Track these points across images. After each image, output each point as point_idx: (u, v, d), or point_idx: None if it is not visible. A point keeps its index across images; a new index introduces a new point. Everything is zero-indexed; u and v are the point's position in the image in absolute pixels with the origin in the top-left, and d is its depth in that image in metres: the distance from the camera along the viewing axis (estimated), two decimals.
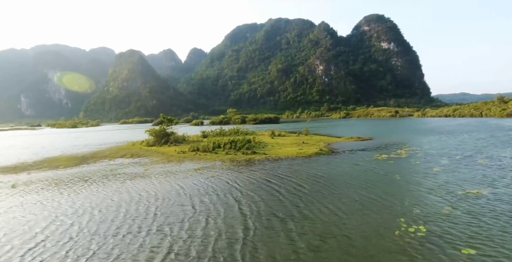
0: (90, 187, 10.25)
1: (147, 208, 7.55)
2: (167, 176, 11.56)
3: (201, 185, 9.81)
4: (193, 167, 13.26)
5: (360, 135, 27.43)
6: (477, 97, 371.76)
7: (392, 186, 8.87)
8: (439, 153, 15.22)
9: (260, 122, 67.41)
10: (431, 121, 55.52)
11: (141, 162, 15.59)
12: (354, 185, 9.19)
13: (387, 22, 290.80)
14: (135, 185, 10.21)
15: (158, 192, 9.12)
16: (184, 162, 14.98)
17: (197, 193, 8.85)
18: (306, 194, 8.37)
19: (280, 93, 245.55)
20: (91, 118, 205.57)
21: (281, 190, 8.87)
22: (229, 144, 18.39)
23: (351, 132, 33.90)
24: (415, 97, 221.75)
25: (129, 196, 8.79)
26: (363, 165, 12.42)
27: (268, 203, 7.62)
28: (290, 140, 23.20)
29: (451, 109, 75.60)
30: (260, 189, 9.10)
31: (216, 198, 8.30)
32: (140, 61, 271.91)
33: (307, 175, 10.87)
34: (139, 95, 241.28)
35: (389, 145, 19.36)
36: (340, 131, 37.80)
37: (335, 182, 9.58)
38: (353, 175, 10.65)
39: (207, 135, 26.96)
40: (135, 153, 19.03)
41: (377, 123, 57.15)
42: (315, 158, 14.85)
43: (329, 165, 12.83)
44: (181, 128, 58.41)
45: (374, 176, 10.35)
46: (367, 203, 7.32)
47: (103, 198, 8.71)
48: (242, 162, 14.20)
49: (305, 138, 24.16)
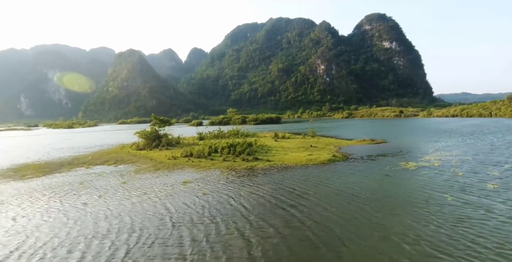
0: (39, 209, 7.87)
1: (112, 252, 5.16)
2: (149, 192, 9.18)
3: (193, 207, 7.43)
4: (183, 179, 10.87)
5: (369, 136, 25.02)
6: (479, 97, 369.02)
7: (452, 212, 6.47)
8: (477, 160, 12.80)
9: (261, 123, 65.01)
10: (440, 121, 53.03)
11: (123, 170, 13.21)
12: (397, 208, 6.81)
13: (389, 21, 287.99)
14: (102, 206, 7.84)
15: (132, 220, 6.74)
16: (174, 171, 12.60)
17: (188, 221, 6.47)
18: (341, 225, 5.96)
19: (281, 93, 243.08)
20: (90, 119, 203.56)
21: (302, 217, 6.47)
22: (227, 148, 16.01)
23: (359, 133, 31.49)
24: (418, 97, 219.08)
25: (88, 228, 6.41)
26: (396, 177, 10.01)
27: (290, 242, 5.23)
28: (296, 142, 20.80)
29: (458, 109, 73.03)
30: (273, 215, 6.70)
31: (214, 231, 5.91)
32: (139, 61, 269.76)
33: (330, 191, 8.48)
34: (138, 95, 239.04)
35: (409, 149, 16.95)
36: (347, 132, 35.38)
37: (371, 203, 7.19)
38: (390, 192, 8.24)
39: (204, 137, 24.60)
40: (120, 159, 16.66)
41: (383, 123, 54.69)
42: (330, 166, 12.46)
43: (353, 176, 10.43)
44: (179, 129, 56.09)
45: (417, 193, 7.94)
46: (437, 244, 4.92)
47: (48, 231, 6.32)
48: (243, 172, 11.81)
49: (312, 141, 21.76)
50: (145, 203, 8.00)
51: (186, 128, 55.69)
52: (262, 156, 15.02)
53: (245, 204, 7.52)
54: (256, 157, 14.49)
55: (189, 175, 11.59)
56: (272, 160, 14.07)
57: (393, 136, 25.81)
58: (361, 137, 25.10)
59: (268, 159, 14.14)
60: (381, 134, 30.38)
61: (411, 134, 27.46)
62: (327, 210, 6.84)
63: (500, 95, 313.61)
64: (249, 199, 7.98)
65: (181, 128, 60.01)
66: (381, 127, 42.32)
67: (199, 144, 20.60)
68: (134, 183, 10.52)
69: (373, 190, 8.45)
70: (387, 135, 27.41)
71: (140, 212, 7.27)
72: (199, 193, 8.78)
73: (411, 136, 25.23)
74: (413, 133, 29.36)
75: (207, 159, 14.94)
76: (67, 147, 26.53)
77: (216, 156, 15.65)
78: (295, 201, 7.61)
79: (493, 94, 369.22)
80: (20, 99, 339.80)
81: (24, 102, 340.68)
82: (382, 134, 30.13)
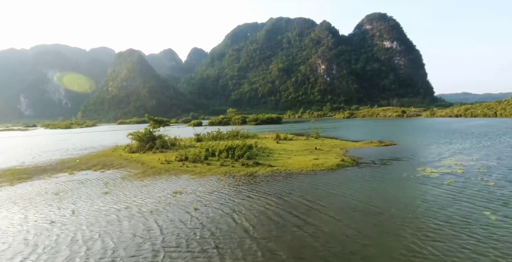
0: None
1: None
2: (132, 205, 7.86)
3: (182, 228, 6.11)
4: (174, 188, 9.55)
5: (374, 137, 23.70)
6: (479, 97, 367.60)
7: (504, 236, 5.15)
8: (503, 165, 11.46)
9: (262, 123, 63.65)
10: (445, 121, 51.68)
11: (109, 177, 11.90)
12: (435, 230, 5.48)
13: (390, 20, 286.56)
14: (72, 226, 6.51)
15: (105, 245, 5.43)
16: (165, 177, 11.29)
17: (173, 248, 5.16)
18: (369, 257, 4.65)
19: (281, 93, 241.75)
20: (89, 119, 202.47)
21: (316, 243, 5.16)
22: (225, 151, 14.70)
23: (364, 134, 30.18)
24: (419, 97, 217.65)
25: (46, 258, 5.09)
26: (418, 187, 8.68)
27: None
28: (299, 144, 19.47)
29: (462, 109, 71.63)
30: (280, 241, 5.38)
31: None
32: (139, 60, 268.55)
33: (345, 205, 7.15)
34: (138, 95, 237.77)
35: (423, 153, 15.62)
36: (352, 132, 34.06)
37: (400, 222, 5.87)
38: (418, 207, 6.91)
39: (202, 139, 23.31)
40: (109, 163, 15.35)
41: (386, 123, 53.37)
42: (340, 172, 11.14)
43: (367, 184, 9.10)
44: (177, 130, 54.76)
45: (450, 210, 6.61)
46: None
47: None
48: (242, 179, 10.49)
49: (317, 143, 20.43)
50: (126, 221, 6.68)
51: (185, 129, 54.38)
52: (264, 160, 13.70)
53: (245, 224, 6.21)
54: (256, 162, 13.18)
55: (182, 183, 10.27)
56: (274, 165, 12.75)
57: (400, 137, 24.47)
58: (367, 138, 23.77)
59: (270, 164, 12.81)
60: (387, 134, 29.06)
61: (420, 135, 26.11)
62: (348, 233, 5.51)
63: (501, 95, 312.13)
64: (250, 216, 6.66)
65: (179, 128, 58.74)
66: (385, 128, 40.99)
67: (196, 146, 19.29)
68: (117, 193, 9.20)
69: (396, 204, 7.13)
70: (394, 136, 26.09)
71: (117, 234, 5.95)
72: (190, 207, 7.46)
73: (420, 137, 23.89)
74: (420, 133, 28.00)
75: (203, 163, 13.62)
76: (59, 148, 25.23)
77: (214, 159, 14.34)
78: (306, 220, 6.29)
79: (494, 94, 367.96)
80: (20, 99, 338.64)
81: (24, 102, 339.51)
82: (388, 134, 28.81)
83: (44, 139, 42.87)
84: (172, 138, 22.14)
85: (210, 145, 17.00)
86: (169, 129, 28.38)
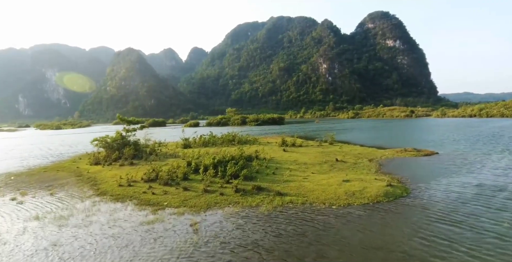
0: None
1: None
2: None
3: None
4: (97, 255, 5.16)
5: (399, 142, 19.35)
6: (481, 97, 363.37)
7: None
8: None
9: (263, 123, 59.05)
10: (461, 122, 47.17)
11: (19, 215, 7.50)
12: None
13: (392, 19, 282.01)
14: None
15: None
16: (101, 218, 6.90)
17: None
18: None
19: (282, 93, 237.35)
20: (87, 119, 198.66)
21: None
22: (212, 168, 10.29)
23: (382, 137, 25.76)
24: (423, 97, 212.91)
25: None
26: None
27: None
28: (313, 153, 15.05)
29: (476, 109, 67.06)
30: None
31: None
32: (138, 59, 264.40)
33: None
34: (137, 94, 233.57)
35: (490, 169, 11.19)
36: (367, 135, 29.62)
37: None
38: None
39: (191, 144, 18.93)
40: (52, 182, 10.94)
41: (400, 124, 48.90)
42: (394, 207, 6.72)
43: (467, 250, 4.68)
44: (171, 131, 50.52)
45: None
46: None
47: None
48: (233, 228, 6.03)
49: (334, 150, 16.02)
50: None
51: (179, 130, 50.03)
52: (269, 182, 9.30)
53: None
54: (258, 186, 8.74)
55: (120, 236, 5.88)
56: (285, 191, 8.35)
57: (433, 142, 20.01)
58: (391, 143, 19.38)
59: (279, 190, 8.38)
60: (411, 138, 24.62)
61: (456, 139, 21.61)
62: None
63: (503, 95, 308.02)
64: None
65: (174, 129, 54.38)
66: (402, 129, 36.60)
67: (179, 155, 14.92)
68: None
69: None
70: (422, 140, 21.67)
71: None
72: None
73: (461, 143, 19.41)
74: (453, 137, 23.47)
75: (179, 186, 9.21)
76: (19, 156, 20.90)
77: (197, 178, 9.96)
78: None
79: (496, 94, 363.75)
80: (19, 99, 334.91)
81: (22, 102, 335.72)
82: (413, 138, 24.38)
83: (21, 141, 38.52)
84: (154, 143, 17.81)
85: (194, 156, 12.61)
86: (150, 132, 24.02)
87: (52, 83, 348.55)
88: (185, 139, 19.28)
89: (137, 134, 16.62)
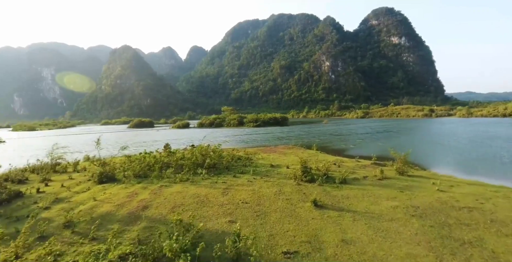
0: None
1: None
2: None
3: None
4: None
5: (460, 156, 11.26)
6: (483, 96, 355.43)
7: None
8: None
9: (263, 125, 50.53)
10: (504, 122, 39.00)
11: None
12: None
13: (397, 15, 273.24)
14: None
15: None
16: None
17: None
18: None
19: (283, 92, 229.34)
20: (81, 118, 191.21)
21: None
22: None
23: (426, 148, 17.64)
24: (430, 95, 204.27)
25: None
26: None
27: None
28: (408, 227, 6.85)
29: (509, 107, 58.52)
30: None
31: None
32: (134, 57, 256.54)
33: None
34: (132, 93, 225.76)
35: None
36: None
37: None
38: None
39: (115, 175, 10.77)
40: None
41: (433, 127, 40.68)
42: None
43: None
44: (151, 133, 42.85)
45: None
46: None
47: None
48: None
49: (450, 198, 7.90)
50: None
51: (165, 132, 41.87)
52: None
53: None
54: None
55: None
56: None
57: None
58: (440, 155, 11.28)
59: None
60: (481, 150, 16.46)
61: None
62: None
63: (505, 94, 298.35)
64: None
65: (159, 131, 46.33)
66: (446, 135, 28.38)
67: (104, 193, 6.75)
68: None
69: None
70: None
71: None
72: None
73: None
74: None
75: None
76: None
77: None
78: None
79: (498, 94, 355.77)
80: (14, 99, 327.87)
81: (17, 101, 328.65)
82: (484, 150, 16.23)
83: None
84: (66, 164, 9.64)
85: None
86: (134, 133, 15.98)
87: (49, 83, 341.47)
88: (128, 156, 11.09)
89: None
